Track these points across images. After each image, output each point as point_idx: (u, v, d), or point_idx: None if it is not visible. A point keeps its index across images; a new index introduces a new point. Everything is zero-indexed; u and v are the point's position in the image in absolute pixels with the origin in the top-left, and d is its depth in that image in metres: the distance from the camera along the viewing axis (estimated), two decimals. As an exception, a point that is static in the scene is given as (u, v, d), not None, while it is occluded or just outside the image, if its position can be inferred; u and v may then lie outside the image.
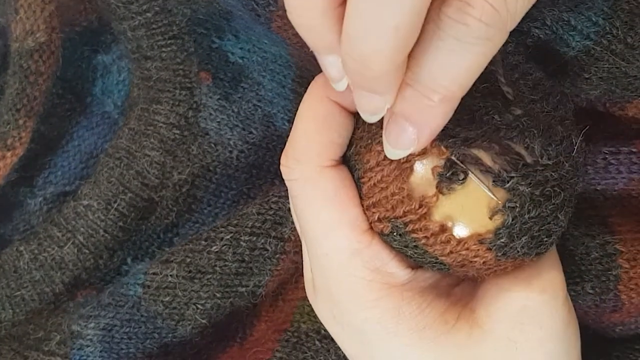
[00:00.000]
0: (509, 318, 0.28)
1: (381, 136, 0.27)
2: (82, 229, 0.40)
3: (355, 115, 0.29)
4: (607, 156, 0.34)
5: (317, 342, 0.35)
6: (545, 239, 0.27)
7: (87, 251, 0.40)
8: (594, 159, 0.34)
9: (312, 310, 0.32)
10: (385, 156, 0.27)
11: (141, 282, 0.37)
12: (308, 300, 0.31)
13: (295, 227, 0.37)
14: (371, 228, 0.28)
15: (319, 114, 0.28)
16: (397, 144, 0.25)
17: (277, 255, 0.37)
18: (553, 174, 0.26)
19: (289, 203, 0.37)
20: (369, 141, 0.27)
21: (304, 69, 0.40)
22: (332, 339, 0.30)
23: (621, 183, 0.34)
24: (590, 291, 0.33)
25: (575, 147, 0.27)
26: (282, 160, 0.29)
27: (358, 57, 0.22)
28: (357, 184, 0.28)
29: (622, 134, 0.34)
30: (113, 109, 0.44)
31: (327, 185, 0.28)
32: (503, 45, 0.23)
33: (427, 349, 0.27)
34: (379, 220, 0.27)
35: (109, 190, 0.40)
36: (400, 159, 0.26)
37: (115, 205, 0.40)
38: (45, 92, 0.41)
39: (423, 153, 0.26)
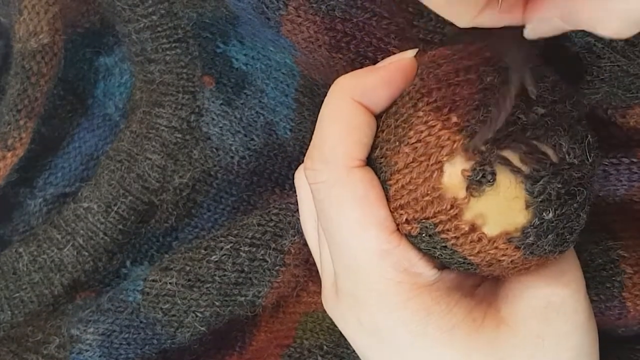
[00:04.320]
0: (535, 314, 0.28)
1: (409, 138, 0.27)
2: (81, 231, 0.40)
3: (379, 118, 0.29)
4: (606, 167, 0.34)
5: (319, 358, 0.36)
6: (569, 236, 0.28)
7: (86, 254, 0.40)
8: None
9: (315, 326, 0.32)
10: (414, 158, 0.27)
11: (140, 288, 0.37)
12: (310, 317, 0.31)
13: (295, 240, 0.37)
14: (397, 230, 0.28)
15: (344, 114, 0.28)
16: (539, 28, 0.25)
17: (277, 268, 0.37)
18: (577, 172, 0.27)
19: (289, 216, 0.37)
20: (397, 143, 0.27)
21: (309, 78, 0.40)
22: (335, 355, 0.30)
23: (622, 189, 0.34)
24: (595, 298, 0.33)
25: (593, 147, 0.28)
26: (307, 165, 0.29)
27: None
28: (383, 186, 0.28)
29: (622, 144, 0.34)
30: (114, 111, 0.44)
31: (357, 186, 0.28)
32: (520, 48, 0.22)
33: (457, 348, 0.28)
34: (407, 222, 0.27)
35: (109, 192, 0.40)
36: (428, 162, 0.26)
37: (116, 208, 0.40)
38: (46, 94, 0.41)
39: (452, 155, 0.26)
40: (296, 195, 0.34)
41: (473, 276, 0.30)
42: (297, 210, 0.37)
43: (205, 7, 0.40)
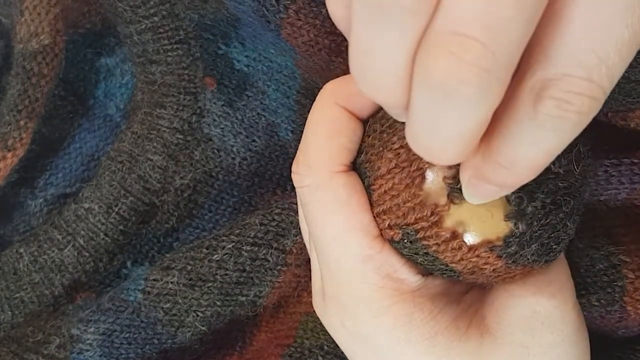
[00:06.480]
0: (520, 324, 0.28)
1: (393, 144, 0.27)
2: (82, 232, 0.40)
3: (365, 123, 0.29)
4: (608, 168, 0.34)
5: (320, 358, 0.36)
6: (555, 246, 0.27)
7: (87, 254, 0.40)
8: (595, 171, 0.34)
9: (316, 326, 0.32)
10: (396, 163, 0.27)
11: (141, 288, 0.37)
12: (311, 316, 0.31)
13: (297, 240, 0.37)
14: (381, 235, 0.28)
15: (329, 119, 0.28)
16: (479, 197, 0.25)
17: (278, 267, 0.37)
18: (564, 182, 0.26)
19: (292, 215, 0.37)
20: (380, 149, 0.28)
21: (309, 80, 0.40)
22: (335, 355, 0.30)
23: (624, 193, 0.34)
24: (596, 303, 0.33)
25: (583, 156, 0.28)
26: (293, 168, 0.29)
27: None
28: (367, 191, 0.28)
29: (623, 145, 0.34)
30: (115, 112, 0.44)
31: (339, 191, 0.28)
32: None
33: (439, 356, 0.27)
34: (390, 227, 0.27)
35: (110, 193, 0.40)
36: (410, 168, 0.27)
37: (117, 209, 0.40)
38: (47, 94, 0.41)
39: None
40: None
41: (459, 283, 0.30)
42: (299, 210, 0.37)
43: (206, 8, 0.40)
